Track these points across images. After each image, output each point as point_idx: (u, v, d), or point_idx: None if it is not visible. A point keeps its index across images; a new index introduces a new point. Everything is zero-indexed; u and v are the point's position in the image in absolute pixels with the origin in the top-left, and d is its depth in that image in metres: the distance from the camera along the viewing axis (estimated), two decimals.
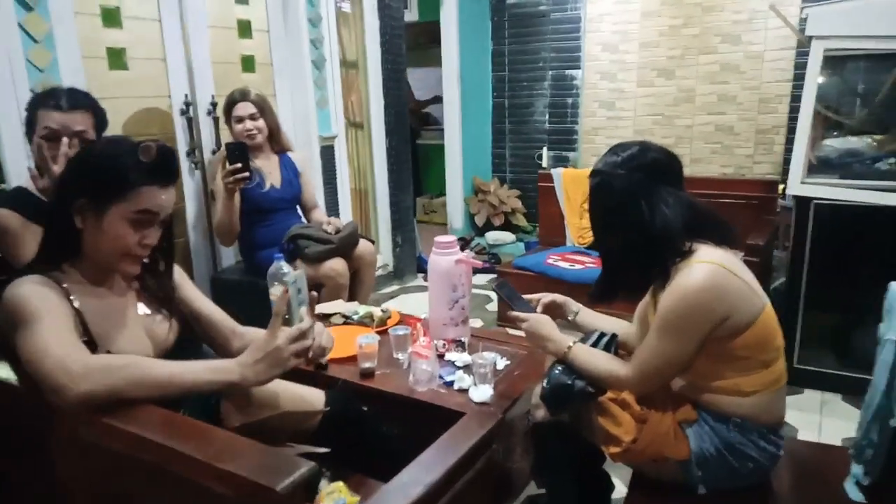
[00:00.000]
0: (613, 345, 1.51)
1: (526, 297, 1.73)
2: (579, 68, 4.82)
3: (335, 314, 2.24)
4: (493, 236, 4.92)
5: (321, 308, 2.29)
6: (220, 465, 0.79)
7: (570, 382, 1.42)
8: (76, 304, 1.20)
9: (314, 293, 1.33)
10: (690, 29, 4.34)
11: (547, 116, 5.05)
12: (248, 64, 3.09)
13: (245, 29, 3.06)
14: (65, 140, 1.66)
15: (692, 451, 1.34)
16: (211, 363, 1.20)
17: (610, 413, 1.37)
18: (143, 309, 1.37)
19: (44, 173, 1.70)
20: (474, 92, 5.06)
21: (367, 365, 1.84)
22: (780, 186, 3.28)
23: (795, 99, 3.85)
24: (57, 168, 1.64)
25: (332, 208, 3.51)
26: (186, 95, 2.74)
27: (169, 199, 1.26)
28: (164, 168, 1.24)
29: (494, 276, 3.74)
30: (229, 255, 3.00)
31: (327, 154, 3.42)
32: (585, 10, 4.69)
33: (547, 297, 1.71)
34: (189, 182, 2.82)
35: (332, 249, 2.60)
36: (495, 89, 5.22)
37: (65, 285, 1.21)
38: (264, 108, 2.72)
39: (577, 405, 1.43)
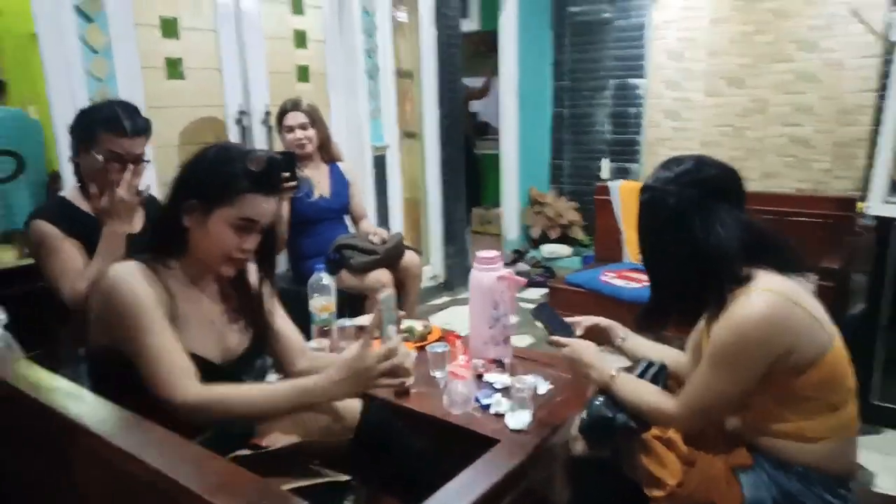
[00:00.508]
0: (662, 376, 1.39)
1: (568, 320, 1.63)
2: (643, 77, 4.65)
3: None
4: (548, 249, 4.79)
5: (360, 320, 2.25)
6: (213, 499, 0.75)
7: (611, 416, 1.31)
8: (172, 295, 1.24)
9: (402, 312, 1.31)
10: (763, 36, 4.10)
11: (608, 127, 4.89)
12: (302, 74, 3.11)
13: (300, 39, 3.09)
14: (130, 167, 1.70)
15: (746, 500, 1.20)
16: (299, 386, 1.22)
17: (654, 452, 1.25)
18: (225, 315, 1.39)
19: (103, 193, 1.73)
20: (533, 101, 4.97)
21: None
22: (860, 205, 3.03)
23: (879, 110, 3.57)
24: (121, 192, 1.67)
25: (384, 218, 3.49)
26: (241, 105, 2.78)
27: (271, 208, 1.30)
28: (269, 178, 1.28)
29: (546, 290, 3.62)
30: (280, 264, 3.01)
31: (379, 164, 3.41)
32: (650, 17, 4.53)
33: (590, 320, 1.60)
34: None
35: (376, 260, 2.56)
36: (555, 99, 5.11)
37: (164, 276, 1.25)
38: (315, 119, 2.72)
39: (619, 441, 1.32)
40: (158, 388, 1.17)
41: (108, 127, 1.69)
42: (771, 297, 1.14)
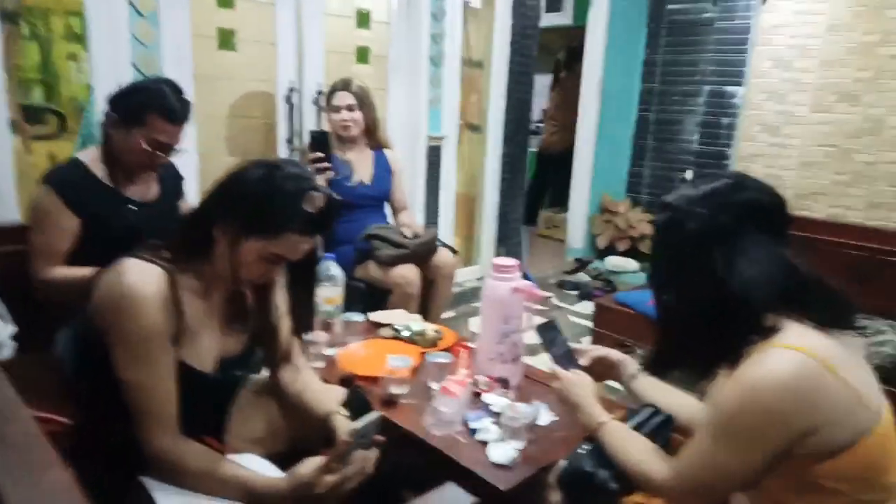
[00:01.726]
0: (666, 431, 1.18)
1: (575, 346, 1.43)
2: (742, 85, 4.24)
3: (386, 325, 2.06)
4: (613, 262, 4.49)
5: (376, 316, 2.13)
6: None
7: (590, 471, 1.11)
8: (182, 309, 1.16)
9: (381, 438, 1.24)
10: (889, 47, 3.60)
11: (697, 136, 4.51)
12: (362, 55, 3.02)
13: (364, 19, 2.99)
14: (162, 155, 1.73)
15: None
16: (249, 487, 1.14)
17: None
18: (227, 318, 1.31)
19: (133, 173, 1.75)
20: (617, 102, 4.66)
21: (392, 391, 1.64)
22: None
23: None
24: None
25: (432, 211, 3.35)
26: (292, 82, 2.72)
27: (308, 247, 1.21)
28: (322, 222, 1.17)
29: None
30: (322, 248, 2.95)
31: (433, 155, 3.27)
32: (758, 20, 4.11)
33: (598, 351, 1.39)
34: None
35: (404, 255, 2.43)
36: (642, 102, 4.77)
37: (181, 290, 1.16)
38: (363, 101, 2.61)
39: (597, 501, 1.12)
40: (135, 423, 1.13)
41: (160, 112, 1.65)
42: (795, 357, 0.91)
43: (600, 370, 1.40)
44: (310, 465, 1.11)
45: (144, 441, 1.12)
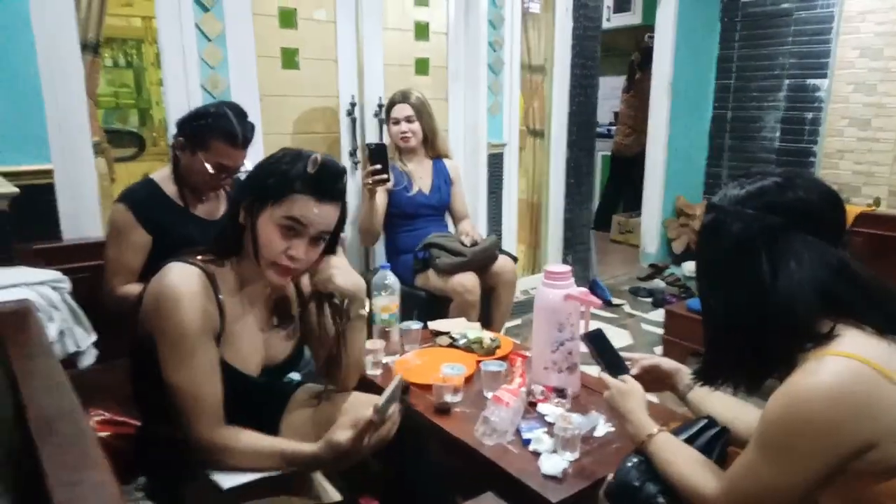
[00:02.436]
0: (720, 444, 1.11)
1: (626, 355, 1.38)
2: (825, 77, 3.99)
3: (444, 334, 2.07)
4: (690, 267, 4.30)
5: (435, 324, 2.14)
6: None
7: (637, 485, 1.06)
8: (222, 307, 1.22)
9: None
10: None
11: (778, 133, 4.27)
12: (421, 66, 3.05)
13: (422, 31, 3.03)
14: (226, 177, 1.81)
15: None
16: (289, 453, 1.20)
17: None
18: (274, 321, 1.37)
19: (197, 194, 1.84)
20: (689, 102, 4.48)
21: (446, 399, 1.64)
22: None
23: None
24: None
25: (495, 218, 3.34)
26: (353, 96, 2.79)
27: (323, 214, 1.21)
28: (322, 182, 1.20)
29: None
30: (383, 256, 3.00)
31: (495, 162, 3.26)
32: (841, 8, 3.86)
33: (648, 360, 1.34)
34: (350, 181, 2.87)
35: (463, 262, 2.43)
36: (717, 100, 4.57)
37: (219, 285, 1.23)
38: (422, 112, 2.65)
39: None
40: (180, 418, 1.19)
41: (222, 137, 1.72)
42: (848, 366, 0.84)
43: (653, 380, 1.34)
44: (343, 432, 1.14)
45: (192, 434, 1.18)
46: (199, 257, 1.23)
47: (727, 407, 1.21)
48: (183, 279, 1.17)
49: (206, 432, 1.17)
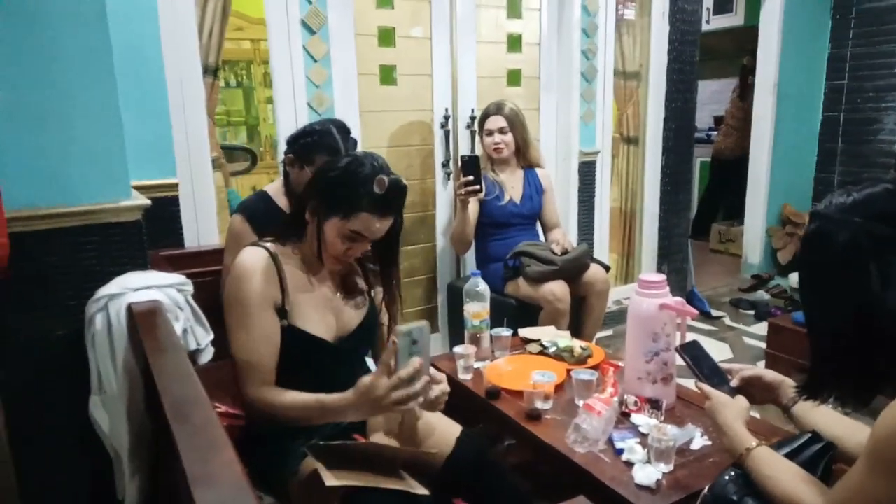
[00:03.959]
0: (825, 459, 1.07)
1: (726, 366, 1.35)
2: None
3: (534, 341, 2.08)
4: (797, 278, 4.06)
5: (525, 332, 2.16)
6: None
7: (735, 499, 1.04)
8: (285, 283, 1.38)
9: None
10: None
11: None
12: (513, 78, 3.10)
13: (515, 43, 3.07)
14: None
15: None
16: (321, 402, 1.28)
17: None
18: (340, 293, 1.51)
19: None
20: (797, 104, 4.25)
21: (537, 405, 1.66)
22: None
23: None
24: None
25: (587, 227, 3.31)
26: (447, 109, 2.87)
27: (383, 227, 1.37)
28: (389, 203, 1.35)
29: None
30: (475, 264, 3.06)
31: (587, 170, 3.24)
32: None
33: (749, 371, 1.30)
34: (441, 191, 2.96)
35: (554, 271, 2.44)
36: (828, 101, 4.30)
37: (282, 262, 1.39)
38: (515, 123, 2.69)
39: None
40: (236, 377, 1.35)
41: (327, 152, 1.83)
42: None
43: (756, 392, 1.30)
44: (370, 375, 1.22)
45: (244, 394, 1.32)
46: (267, 240, 1.41)
47: (833, 422, 1.16)
48: (249, 257, 1.34)
49: (254, 391, 1.31)
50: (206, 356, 1.81)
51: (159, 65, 2.09)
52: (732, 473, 1.09)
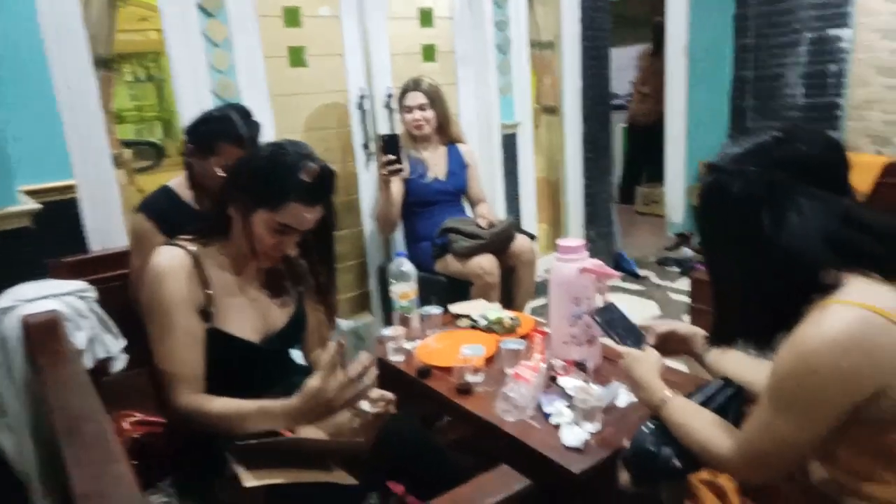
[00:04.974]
0: (736, 404, 1.10)
1: (641, 324, 1.37)
2: (848, 27, 3.85)
3: (464, 317, 2.08)
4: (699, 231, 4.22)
5: (455, 308, 2.15)
6: None
7: (654, 450, 1.07)
8: (208, 284, 1.30)
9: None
10: None
11: (802, 89, 4.14)
12: (428, 53, 3.05)
13: (427, 17, 3.03)
14: None
15: None
16: (265, 409, 1.20)
17: (700, 501, 0.99)
18: (267, 292, 1.44)
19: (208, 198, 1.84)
20: (707, 65, 4.37)
21: (467, 379, 1.66)
22: None
23: None
24: None
25: (514, 199, 3.33)
26: (362, 89, 2.80)
27: (314, 216, 1.30)
28: (318, 191, 1.28)
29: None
30: (403, 246, 3.03)
31: (509, 142, 3.25)
32: None
33: (665, 325, 1.33)
34: (364, 174, 2.90)
35: (481, 245, 2.44)
36: (737, 61, 4.44)
37: (204, 262, 1.31)
38: (434, 99, 2.65)
39: (664, 480, 1.07)
40: (163, 386, 1.26)
41: (229, 139, 1.74)
42: (854, 314, 0.82)
43: (672, 346, 1.34)
44: (315, 377, 1.15)
45: (172, 400, 1.22)
46: (185, 239, 1.32)
47: (744, 367, 1.20)
48: (166, 258, 1.27)
49: (184, 400, 1.22)
50: (120, 364, 1.72)
51: (41, 62, 1.94)
52: (651, 425, 1.12)
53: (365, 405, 1.39)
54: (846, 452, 0.89)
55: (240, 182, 1.30)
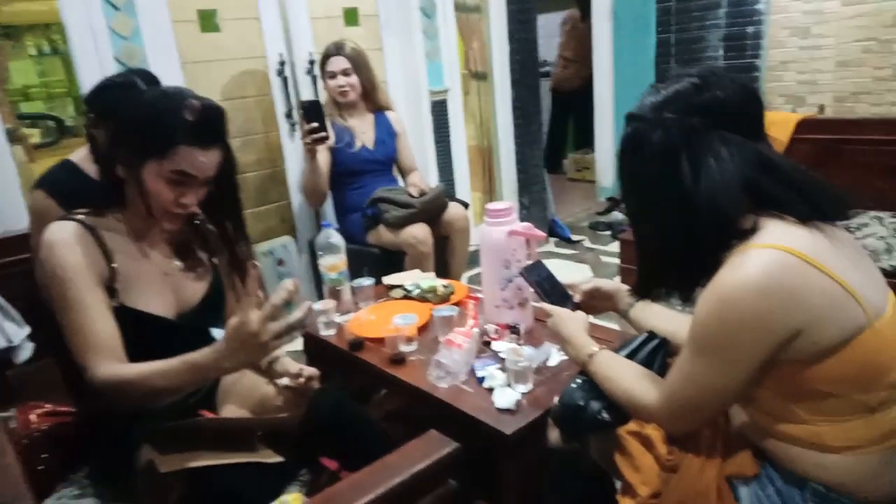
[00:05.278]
0: (660, 355, 1.11)
1: (566, 282, 1.37)
2: None
3: (397, 287, 2.04)
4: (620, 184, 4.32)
5: (389, 279, 2.11)
6: None
7: (581, 404, 1.07)
8: (110, 257, 1.19)
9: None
10: None
11: (722, 51, 4.25)
12: (350, 17, 2.94)
13: None
14: None
15: None
16: (190, 361, 1.10)
17: (628, 452, 1.00)
18: (178, 263, 1.33)
19: None
20: (631, 29, 4.42)
21: (400, 349, 1.63)
22: None
23: None
24: None
25: (446, 168, 3.29)
26: (281, 54, 2.68)
27: (210, 161, 1.19)
28: (207, 128, 1.17)
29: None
30: (333, 218, 2.95)
31: (439, 109, 3.19)
32: None
33: (589, 283, 1.33)
34: (289, 144, 2.79)
35: (413, 214, 2.39)
36: (660, 24, 4.51)
37: (103, 235, 1.20)
38: (358, 64, 2.56)
39: (593, 434, 1.08)
40: (78, 362, 1.13)
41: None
42: (773, 256, 0.83)
43: (598, 303, 1.34)
44: (251, 314, 1.03)
45: (89, 375, 1.11)
46: (78, 212, 1.21)
47: (667, 320, 1.22)
48: (60, 232, 1.16)
49: (104, 371, 1.11)
50: (25, 353, 1.61)
51: None
52: (579, 380, 1.12)
53: (285, 380, 1.34)
54: (765, 395, 0.90)
55: (121, 137, 1.19)
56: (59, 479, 1.28)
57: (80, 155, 1.78)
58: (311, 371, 1.31)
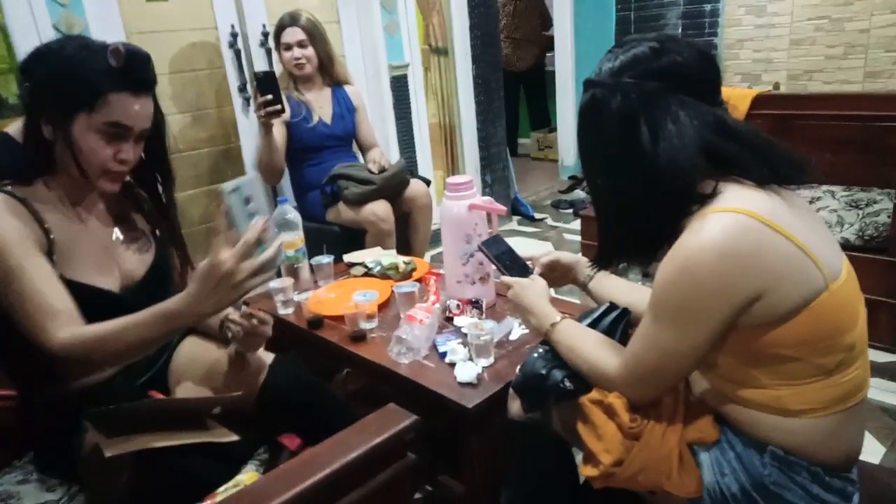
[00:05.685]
0: (622, 325, 1.11)
1: (525, 255, 1.35)
2: None
3: (357, 265, 2.00)
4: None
5: (350, 256, 2.07)
6: None
7: (543, 373, 1.05)
8: (46, 227, 1.11)
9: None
10: None
11: (680, 29, 4.28)
12: None
13: None
14: None
15: (705, 486, 0.93)
16: (161, 311, 1.03)
17: (591, 420, 0.99)
18: (118, 234, 1.26)
19: None
20: (592, 7, 4.42)
21: (361, 326, 1.59)
22: None
23: None
24: None
25: (407, 145, 3.24)
26: (233, 25, 2.58)
27: (144, 110, 1.13)
28: (135, 72, 1.10)
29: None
30: (285, 193, 2.86)
31: (399, 85, 3.13)
32: None
33: (549, 256, 1.32)
34: (243, 119, 2.69)
35: (373, 190, 2.34)
36: (619, 2, 4.52)
37: (35, 205, 1.11)
38: (314, 35, 2.48)
39: (556, 404, 1.07)
40: (31, 334, 1.05)
41: None
42: (733, 219, 0.82)
43: (557, 276, 1.33)
44: (223, 253, 0.97)
45: (49, 342, 1.04)
46: (2, 184, 1.12)
47: (626, 291, 1.22)
48: None
49: (59, 336, 1.03)
50: None
51: None
52: (541, 350, 1.10)
53: (235, 315, 1.28)
54: (725, 360, 0.90)
55: (44, 92, 1.11)
56: (1, 465, 1.22)
57: (15, 128, 1.67)
58: (263, 315, 1.26)
